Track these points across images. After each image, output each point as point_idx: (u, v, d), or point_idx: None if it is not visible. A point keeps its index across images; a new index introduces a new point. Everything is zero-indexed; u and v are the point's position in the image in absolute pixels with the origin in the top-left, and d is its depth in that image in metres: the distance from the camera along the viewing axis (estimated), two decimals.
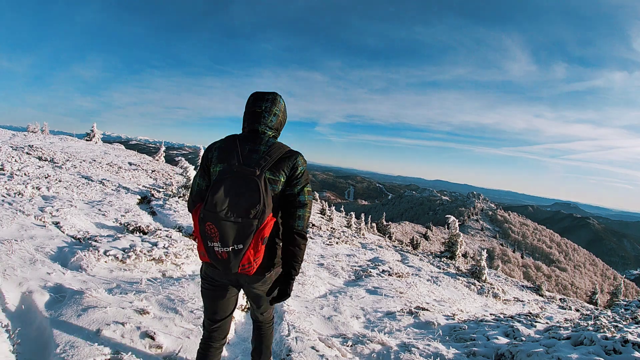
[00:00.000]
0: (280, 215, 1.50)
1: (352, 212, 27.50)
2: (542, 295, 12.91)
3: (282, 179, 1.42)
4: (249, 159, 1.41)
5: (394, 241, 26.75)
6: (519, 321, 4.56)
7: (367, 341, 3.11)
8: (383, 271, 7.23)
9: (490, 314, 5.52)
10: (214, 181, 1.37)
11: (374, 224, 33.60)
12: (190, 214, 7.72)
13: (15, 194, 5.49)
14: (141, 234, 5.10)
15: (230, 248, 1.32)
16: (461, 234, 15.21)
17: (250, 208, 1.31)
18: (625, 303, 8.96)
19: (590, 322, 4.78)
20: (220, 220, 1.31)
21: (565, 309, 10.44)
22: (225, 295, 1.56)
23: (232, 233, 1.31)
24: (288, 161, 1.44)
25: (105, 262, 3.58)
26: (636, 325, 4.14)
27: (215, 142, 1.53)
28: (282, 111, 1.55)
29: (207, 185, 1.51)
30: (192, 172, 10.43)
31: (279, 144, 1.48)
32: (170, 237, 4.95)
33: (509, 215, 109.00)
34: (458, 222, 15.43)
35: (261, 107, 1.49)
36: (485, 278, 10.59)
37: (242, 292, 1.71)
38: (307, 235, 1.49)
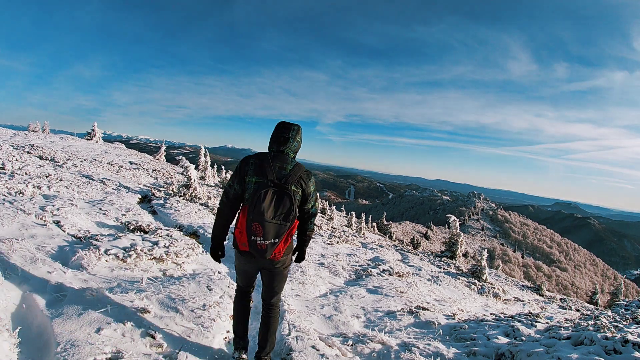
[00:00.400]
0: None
1: (352, 212, 27.52)
2: (542, 295, 12.91)
3: (300, 192, 2.01)
4: (280, 174, 1.96)
5: (395, 241, 26.75)
6: (519, 321, 4.56)
7: (368, 340, 3.12)
8: (383, 271, 7.23)
9: (491, 314, 5.52)
10: (257, 191, 1.86)
11: (374, 224, 33.59)
12: (191, 213, 7.73)
13: (16, 193, 5.49)
14: (142, 233, 5.10)
15: (269, 241, 1.85)
16: (462, 234, 15.17)
17: (288, 214, 1.86)
18: (625, 303, 8.95)
19: (590, 322, 4.77)
20: (265, 222, 1.82)
21: (565, 309, 10.45)
22: (254, 275, 2.21)
23: (273, 231, 1.85)
24: (304, 180, 2.02)
25: (106, 261, 3.58)
26: (636, 326, 4.14)
27: (250, 156, 2.03)
28: (301, 139, 2.12)
29: (242, 191, 2.01)
30: (192, 172, 10.44)
31: (298, 164, 2.04)
32: (171, 236, 4.96)
33: (510, 215, 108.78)
34: (458, 221, 15.40)
35: (288, 134, 2.04)
36: (486, 278, 10.59)
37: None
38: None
